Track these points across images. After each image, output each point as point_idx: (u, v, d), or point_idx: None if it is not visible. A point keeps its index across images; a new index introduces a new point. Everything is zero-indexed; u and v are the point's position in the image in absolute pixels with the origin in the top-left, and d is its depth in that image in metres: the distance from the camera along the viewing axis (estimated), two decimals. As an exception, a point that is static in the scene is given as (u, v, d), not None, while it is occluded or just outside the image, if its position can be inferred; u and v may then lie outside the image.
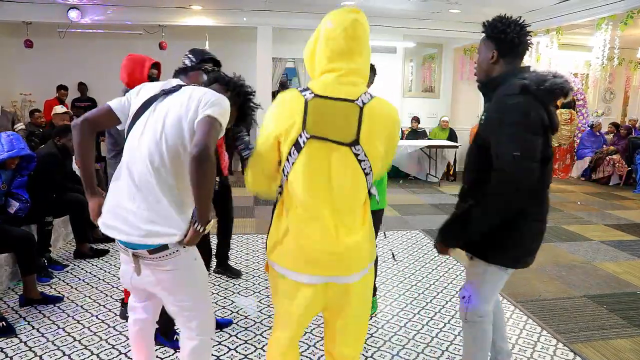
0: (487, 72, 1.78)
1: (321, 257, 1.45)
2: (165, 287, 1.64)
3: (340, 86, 1.43)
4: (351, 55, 1.43)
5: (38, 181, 3.47)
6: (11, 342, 2.55)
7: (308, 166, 1.42)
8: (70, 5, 6.65)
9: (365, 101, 1.42)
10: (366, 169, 1.44)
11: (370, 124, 1.41)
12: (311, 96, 1.42)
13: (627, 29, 5.90)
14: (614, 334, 2.82)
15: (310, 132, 1.40)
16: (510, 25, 1.71)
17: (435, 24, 7.70)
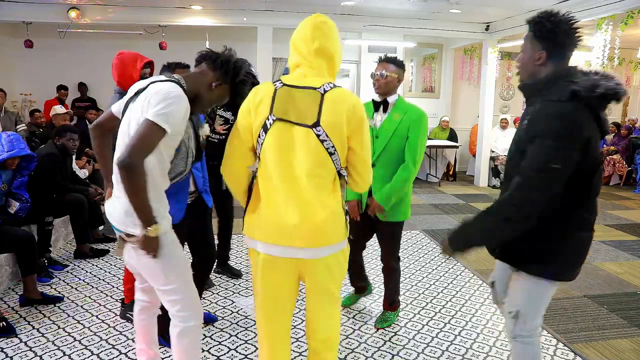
0: (532, 74, 1.65)
1: (286, 231, 1.58)
2: (147, 270, 1.75)
3: (306, 78, 1.62)
4: (318, 53, 1.62)
5: (38, 181, 3.47)
6: (11, 342, 2.55)
7: (274, 146, 1.58)
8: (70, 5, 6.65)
9: (327, 89, 1.58)
10: (329, 149, 1.57)
11: (330, 108, 1.56)
12: (280, 85, 1.62)
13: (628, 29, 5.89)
14: (614, 334, 2.82)
15: (276, 115, 1.58)
16: (560, 24, 1.57)
17: (435, 24, 7.69)
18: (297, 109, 1.57)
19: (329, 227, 1.60)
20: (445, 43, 9.06)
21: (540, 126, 1.52)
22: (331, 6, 6.86)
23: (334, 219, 1.61)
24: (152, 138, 1.52)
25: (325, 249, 1.61)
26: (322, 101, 1.56)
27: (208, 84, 1.74)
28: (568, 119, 1.48)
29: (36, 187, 3.42)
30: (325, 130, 1.55)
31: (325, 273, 1.66)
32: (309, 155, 1.56)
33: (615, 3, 5.64)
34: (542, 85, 1.60)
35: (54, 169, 3.66)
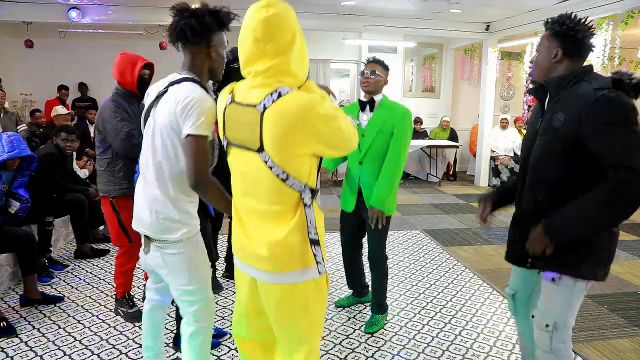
0: (547, 72, 1.63)
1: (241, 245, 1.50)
2: (170, 270, 1.78)
3: (251, 90, 1.38)
4: (263, 57, 1.33)
5: (38, 181, 3.47)
6: (12, 342, 2.56)
7: (232, 168, 1.51)
8: (70, 5, 6.65)
9: (267, 105, 1.31)
10: (279, 175, 1.35)
11: (272, 128, 1.31)
12: (230, 101, 1.44)
13: (628, 28, 5.89)
14: (615, 333, 2.82)
15: (227, 137, 1.48)
16: (579, 24, 1.58)
17: (435, 23, 7.69)
18: (242, 131, 1.40)
19: (280, 253, 1.40)
20: (445, 43, 9.06)
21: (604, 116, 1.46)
22: (331, 6, 6.86)
23: (286, 247, 1.39)
24: (204, 150, 1.59)
25: (272, 275, 1.44)
26: (261, 121, 1.32)
27: (206, 57, 1.69)
28: (626, 103, 1.47)
29: (36, 187, 3.42)
30: (270, 155, 1.34)
31: (278, 302, 1.48)
32: (261, 182, 1.39)
33: (615, 3, 5.64)
34: (568, 82, 1.58)
35: (54, 169, 3.66)
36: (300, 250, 1.41)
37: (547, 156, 1.62)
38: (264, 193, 1.40)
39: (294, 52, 1.36)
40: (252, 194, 1.44)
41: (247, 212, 1.48)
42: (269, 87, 1.33)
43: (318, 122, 1.32)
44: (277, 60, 1.33)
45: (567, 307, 1.66)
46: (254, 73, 1.37)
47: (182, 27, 1.62)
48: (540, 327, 1.67)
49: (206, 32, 1.64)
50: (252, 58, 1.36)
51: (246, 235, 1.47)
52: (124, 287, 2.88)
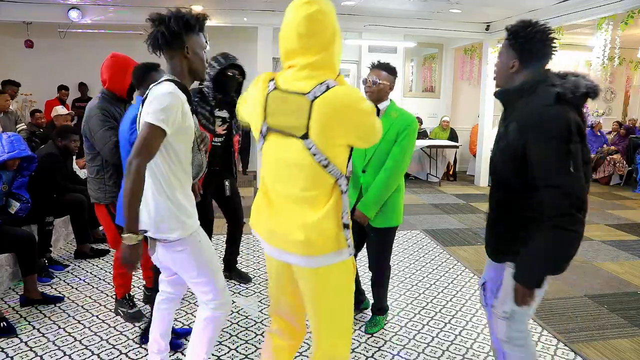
0: (507, 80, 1.69)
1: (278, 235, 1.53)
2: (179, 265, 1.84)
3: (296, 81, 1.44)
4: (306, 52, 1.42)
5: (39, 181, 3.47)
6: (12, 342, 2.56)
7: (268, 154, 1.54)
8: (70, 5, 6.65)
9: (317, 94, 1.39)
10: (322, 161, 1.43)
11: (320, 117, 1.38)
12: (272, 88, 1.49)
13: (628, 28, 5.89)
14: (615, 333, 2.82)
15: (268, 123, 1.50)
16: (536, 35, 1.59)
17: (435, 23, 7.69)
18: (287, 117, 1.44)
19: (314, 237, 1.46)
20: (445, 43, 9.06)
21: (540, 132, 1.52)
22: (331, 6, 6.86)
23: (322, 230, 1.46)
24: (153, 140, 1.59)
25: (307, 259, 1.50)
26: (310, 109, 1.39)
27: (182, 60, 1.73)
28: (563, 120, 1.51)
29: (36, 188, 3.42)
30: (315, 142, 1.40)
31: (311, 283, 1.56)
32: (301, 168, 1.45)
33: (616, 3, 5.64)
34: (522, 92, 1.62)
35: (54, 169, 3.67)
36: (335, 234, 1.48)
37: (503, 161, 1.68)
38: (303, 179, 1.46)
39: (335, 47, 1.45)
40: (288, 180, 1.49)
41: (281, 198, 1.53)
42: (316, 79, 1.41)
43: (361, 116, 1.44)
44: (321, 55, 1.42)
45: None
46: (299, 66, 1.44)
47: (154, 35, 1.68)
48: (499, 314, 1.74)
49: (176, 36, 1.68)
50: (295, 52, 1.44)
51: (278, 222, 1.52)
52: (124, 288, 2.88)
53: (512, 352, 1.76)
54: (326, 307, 1.59)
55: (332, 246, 1.49)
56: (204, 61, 1.80)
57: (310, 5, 1.39)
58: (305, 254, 1.49)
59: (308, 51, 1.41)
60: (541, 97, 1.56)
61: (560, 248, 1.53)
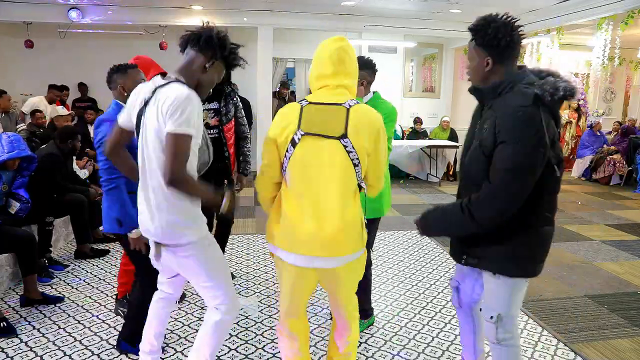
0: (483, 79, 1.70)
1: (307, 240, 1.67)
2: (189, 270, 1.83)
3: (330, 96, 1.72)
4: (337, 76, 1.73)
5: (39, 181, 3.47)
6: (12, 343, 2.56)
7: (302, 158, 1.67)
8: (70, 5, 6.65)
9: (351, 104, 1.69)
10: (354, 160, 1.67)
11: (355, 121, 1.66)
12: (306, 103, 1.72)
13: (628, 28, 5.90)
14: (615, 333, 2.82)
15: (304, 129, 1.67)
16: (500, 29, 1.59)
17: (435, 24, 7.69)
18: (324, 122, 1.67)
19: (347, 237, 1.69)
20: (445, 43, 9.06)
21: (509, 132, 1.54)
22: (332, 6, 6.86)
23: (352, 229, 1.70)
24: (184, 148, 1.59)
25: (341, 259, 1.71)
26: (347, 115, 1.66)
27: (201, 67, 1.73)
28: (536, 123, 1.52)
29: (36, 188, 3.42)
30: (351, 141, 1.65)
31: (341, 279, 1.81)
32: (335, 167, 1.65)
33: (616, 3, 5.64)
34: (499, 89, 1.63)
35: (54, 169, 3.67)
36: (361, 232, 1.75)
37: (475, 161, 1.69)
38: (337, 175, 1.66)
39: (356, 81, 1.81)
40: (322, 180, 1.66)
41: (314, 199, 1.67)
42: (346, 96, 1.73)
43: (382, 131, 1.72)
44: (348, 82, 1.75)
45: (509, 300, 1.75)
46: (332, 86, 1.73)
47: (201, 34, 1.71)
48: (487, 319, 1.78)
49: (217, 51, 1.72)
50: (326, 75, 1.73)
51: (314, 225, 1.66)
52: (126, 287, 2.88)
53: (499, 354, 1.80)
54: (352, 295, 1.90)
55: (361, 243, 1.76)
56: (211, 88, 1.82)
57: (341, 41, 1.76)
58: (336, 254, 1.69)
59: (338, 75, 1.72)
60: (518, 97, 1.56)
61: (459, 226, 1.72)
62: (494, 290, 1.76)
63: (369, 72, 2.53)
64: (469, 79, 1.79)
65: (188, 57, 1.74)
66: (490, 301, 1.78)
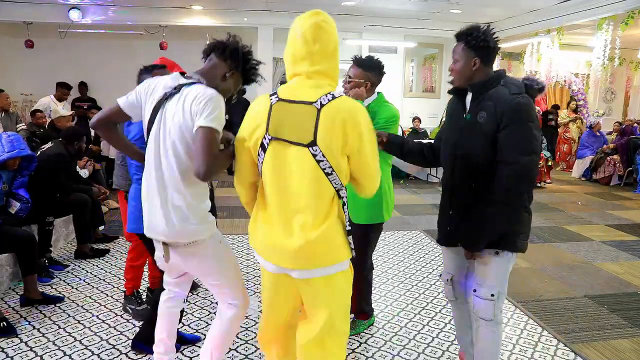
0: (468, 78, 1.88)
1: (277, 250, 1.56)
2: (197, 269, 1.85)
3: (302, 89, 1.51)
4: (312, 58, 1.50)
5: (42, 181, 3.47)
6: (12, 342, 2.56)
7: (271, 165, 1.53)
8: (71, 5, 6.65)
9: (324, 102, 1.47)
10: (326, 169, 1.49)
11: (327, 124, 1.45)
12: (275, 100, 1.53)
13: (628, 29, 5.90)
14: (615, 334, 2.82)
15: (271, 133, 1.51)
16: (488, 33, 1.85)
17: (436, 24, 7.70)
18: (292, 126, 1.49)
19: (319, 250, 1.51)
20: (445, 43, 9.06)
21: (514, 116, 1.75)
22: (332, 6, 6.86)
23: (325, 241, 1.51)
24: (214, 142, 1.61)
25: (309, 272, 1.55)
26: (318, 117, 1.45)
27: (222, 75, 1.77)
28: (533, 108, 1.81)
29: (38, 187, 3.42)
30: (322, 149, 1.46)
31: (316, 295, 1.59)
32: (304, 177, 1.49)
33: (616, 3, 5.64)
34: (489, 84, 1.85)
35: (59, 169, 3.67)
36: (342, 242, 1.56)
37: (474, 148, 1.85)
38: (306, 186, 1.49)
39: (337, 60, 1.56)
40: (291, 190, 1.51)
41: (283, 210, 1.54)
42: (322, 89, 1.50)
43: (364, 127, 1.51)
44: (325, 64, 1.52)
45: (506, 276, 1.93)
46: (305, 74, 1.52)
47: (227, 43, 1.76)
48: (487, 298, 1.90)
49: (239, 63, 1.77)
50: (301, 57, 1.51)
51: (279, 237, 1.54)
52: (134, 283, 2.89)
53: (490, 331, 1.92)
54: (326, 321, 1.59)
55: (341, 255, 1.56)
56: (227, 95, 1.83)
57: (317, 15, 1.52)
58: (308, 267, 1.53)
59: (312, 57, 1.50)
60: (513, 88, 1.79)
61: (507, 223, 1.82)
62: (494, 268, 1.90)
63: (375, 73, 2.43)
64: (450, 81, 1.95)
65: (211, 63, 1.78)
66: (490, 279, 1.90)
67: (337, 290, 1.61)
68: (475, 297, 1.94)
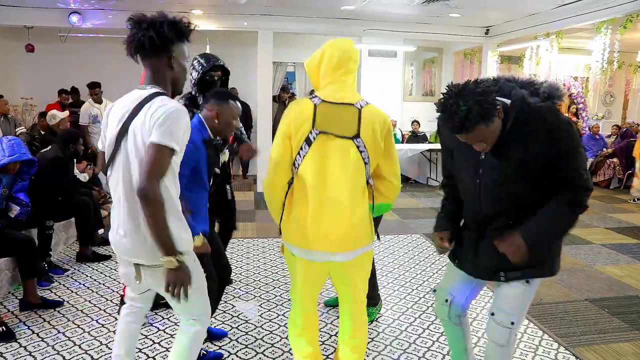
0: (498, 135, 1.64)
1: (322, 235, 1.77)
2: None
3: (341, 94, 1.81)
4: (346, 74, 1.83)
5: (42, 185, 3.47)
6: (11, 347, 2.55)
7: (317, 157, 1.76)
8: (71, 9, 6.67)
9: (362, 105, 1.81)
10: (365, 159, 1.79)
11: (367, 122, 1.78)
12: (319, 101, 1.79)
13: (627, 32, 5.91)
14: (616, 337, 2.81)
15: (319, 128, 1.76)
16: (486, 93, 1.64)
17: (435, 28, 7.71)
18: (338, 122, 1.77)
19: (359, 232, 1.81)
20: (445, 47, 9.08)
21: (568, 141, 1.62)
22: (332, 10, 6.88)
23: (363, 224, 1.81)
24: (163, 161, 1.50)
25: (352, 253, 1.82)
26: (360, 115, 1.77)
27: (168, 66, 1.62)
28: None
29: (39, 191, 3.42)
30: (363, 141, 1.76)
31: (351, 273, 1.90)
32: (348, 165, 1.75)
33: (615, 7, 5.65)
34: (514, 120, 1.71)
35: (59, 173, 3.68)
36: (370, 227, 1.87)
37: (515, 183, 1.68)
38: (350, 173, 1.76)
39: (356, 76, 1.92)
40: (332, 181, 1.75)
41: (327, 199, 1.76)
42: (357, 96, 1.84)
43: (390, 129, 1.87)
44: (352, 77, 1.86)
45: (529, 303, 1.83)
46: (342, 84, 1.83)
47: (140, 39, 1.55)
48: (505, 325, 1.77)
49: (166, 44, 1.58)
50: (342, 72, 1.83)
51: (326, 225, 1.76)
52: None
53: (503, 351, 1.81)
54: (361, 292, 1.94)
55: (371, 237, 1.88)
56: (186, 73, 1.72)
57: (349, 42, 1.90)
58: (349, 249, 1.80)
59: (350, 72, 1.84)
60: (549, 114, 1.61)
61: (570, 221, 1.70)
62: (520, 296, 1.77)
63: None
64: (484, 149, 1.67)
65: (150, 66, 1.62)
66: (512, 307, 1.77)
67: (367, 268, 1.96)
68: (491, 320, 1.81)
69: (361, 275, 1.94)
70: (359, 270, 1.91)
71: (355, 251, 1.82)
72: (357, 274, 1.92)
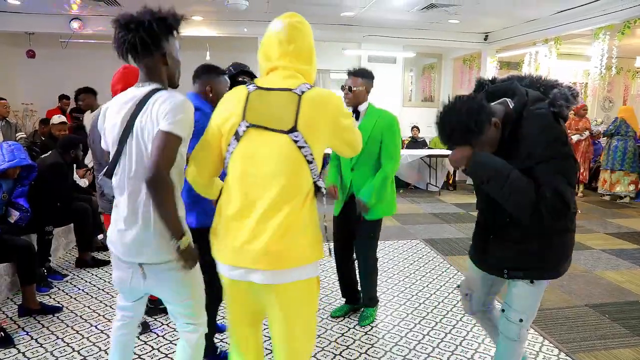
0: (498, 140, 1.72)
1: (241, 246, 1.42)
2: (172, 289, 1.70)
3: (281, 79, 1.50)
4: (285, 56, 1.51)
5: (42, 190, 3.47)
6: (9, 353, 2.54)
7: (245, 153, 1.46)
8: (72, 15, 6.71)
9: (304, 90, 1.47)
10: (307, 156, 1.45)
11: (308, 110, 1.44)
12: (253, 88, 1.50)
13: (625, 38, 5.94)
14: (616, 343, 2.80)
15: (249, 120, 1.46)
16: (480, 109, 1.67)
17: (434, 34, 7.75)
18: (272, 113, 1.45)
19: (287, 247, 1.41)
20: (444, 53, 9.13)
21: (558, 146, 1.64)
22: (331, 16, 6.92)
23: (295, 237, 1.42)
24: (172, 148, 1.50)
25: (279, 274, 1.42)
26: (299, 103, 1.43)
27: (163, 63, 1.61)
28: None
29: (38, 197, 3.42)
30: (303, 135, 1.42)
31: (280, 305, 1.47)
32: (283, 165, 1.42)
33: (613, 13, 5.69)
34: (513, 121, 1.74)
35: (59, 179, 3.68)
36: (311, 242, 1.46)
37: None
38: (283, 174, 1.42)
39: (313, 66, 1.58)
40: (267, 180, 1.42)
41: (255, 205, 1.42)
42: (299, 80, 1.50)
43: (341, 115, 1.53)
44: (301, 67, 1.52)
45: (538, 302, 1.87)
46: (281, 68, 1.51)
47: (130, 41, 1.53)
48: (514, 322, 1.85)
49: (158, 42, 1.56)
50: (275, 58, 1.52)
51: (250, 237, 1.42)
52: None
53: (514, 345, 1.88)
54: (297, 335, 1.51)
55: (310, 256, 1.46)
56: (179, 64, 1.69)
57: (291, 17, 1.54)
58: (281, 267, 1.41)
59: (286, 56, 1.51)
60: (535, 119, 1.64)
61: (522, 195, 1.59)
62: (526, 296, 1.83)
63: (370, 80, 2.79)
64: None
65: (144, 65, 1.61)
66: (520, 305, 1.84)
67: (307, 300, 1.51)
68: (502, 315, 1.89)
69: (298, 312, 1.48)
70: (293, 301, 1.47)
71: (282, 272, 1.41)
72: (292, 310, 1.47)
